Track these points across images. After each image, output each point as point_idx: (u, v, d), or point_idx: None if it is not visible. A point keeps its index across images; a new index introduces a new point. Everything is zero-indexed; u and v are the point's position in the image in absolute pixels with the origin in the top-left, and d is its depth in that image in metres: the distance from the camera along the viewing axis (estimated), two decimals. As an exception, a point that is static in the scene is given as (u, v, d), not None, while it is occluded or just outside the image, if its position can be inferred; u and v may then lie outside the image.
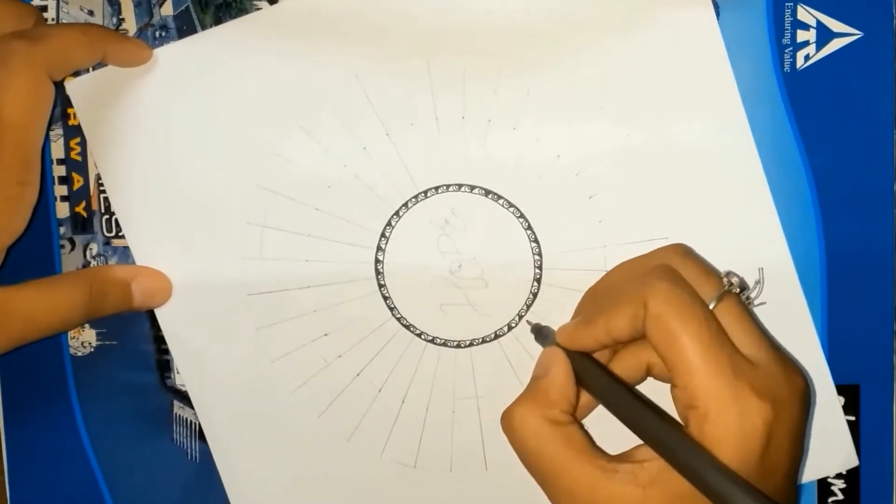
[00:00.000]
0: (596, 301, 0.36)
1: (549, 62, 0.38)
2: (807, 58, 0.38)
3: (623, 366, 0.36)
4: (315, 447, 0.40)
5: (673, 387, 0.32)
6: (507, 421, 0.34)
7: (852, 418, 0.39)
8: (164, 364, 0.41)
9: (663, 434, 0.31)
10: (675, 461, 0.31)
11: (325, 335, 0.40)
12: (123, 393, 0.39)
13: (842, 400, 0.39)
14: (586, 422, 0.36)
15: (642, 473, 0.31)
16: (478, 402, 0.40)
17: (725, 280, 0.34)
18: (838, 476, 0.40)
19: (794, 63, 0.38)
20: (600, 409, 0.35)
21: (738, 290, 0.34)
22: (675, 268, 0.33)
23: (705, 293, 0.33)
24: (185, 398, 0.41)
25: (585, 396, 0.35)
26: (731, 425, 0.30)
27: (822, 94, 0.38)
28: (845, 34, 0.38)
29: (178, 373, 0.41)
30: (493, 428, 0.40)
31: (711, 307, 0.33)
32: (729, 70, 0.38)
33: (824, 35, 0.38)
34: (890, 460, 0.39)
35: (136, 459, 0.41)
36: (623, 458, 0.33)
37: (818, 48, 0.38)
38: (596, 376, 0.34)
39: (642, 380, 0.36)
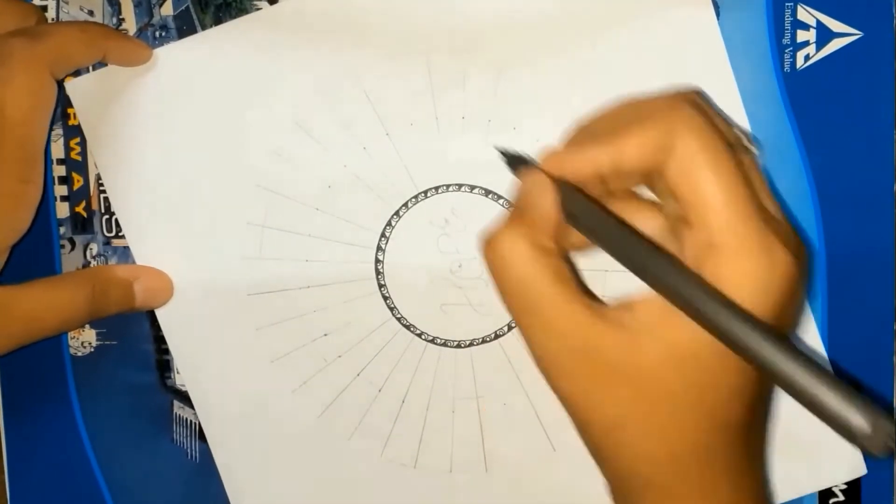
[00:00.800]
0: (594, 133, 0.32)
1: (550, 62, 0.38)
2: (807, 58, 0.38)
3: None
4: (315, 447, 0.40)
5: (687, 227, 0.29)
6: (492, 247, 0.30)
7: (853, 419, 0.39)
8: (164, 364, 0.41)
9: (666, 270, 0.28)
10: (682, 300, 0.27)
11: (325, 335, 0.40)
12: (123, 393, 0.39)
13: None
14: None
15: (637, 319, 0.29)
16: (478, 402, 0.40)
17: (744, 138, 0.31)
18: (839, 477, 0.40)
19: (794, 63, 0.38)
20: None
21: (752, 148, 0.31)
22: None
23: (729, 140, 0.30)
24: (185, 398, 0.41)
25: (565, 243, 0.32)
26: (754, 269, 0.28)
27: (822, 94, 0.38)
28: (845, 34, 0.38)
29: (178, 373, 0.41)
30: (494, 428, 0.40)
31: None
32: (729, 70, 0.37)
33: (824, 35, 0.38)
34: (891, 462, 0.39)
35: (136, 459, 0.41)
36: (617, 303, 0.30)
37: (818, 48, 0.38)
38: (586, 208, 0.30)
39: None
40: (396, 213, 0.39)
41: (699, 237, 0.28)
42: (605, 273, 0.38)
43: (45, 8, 0.40)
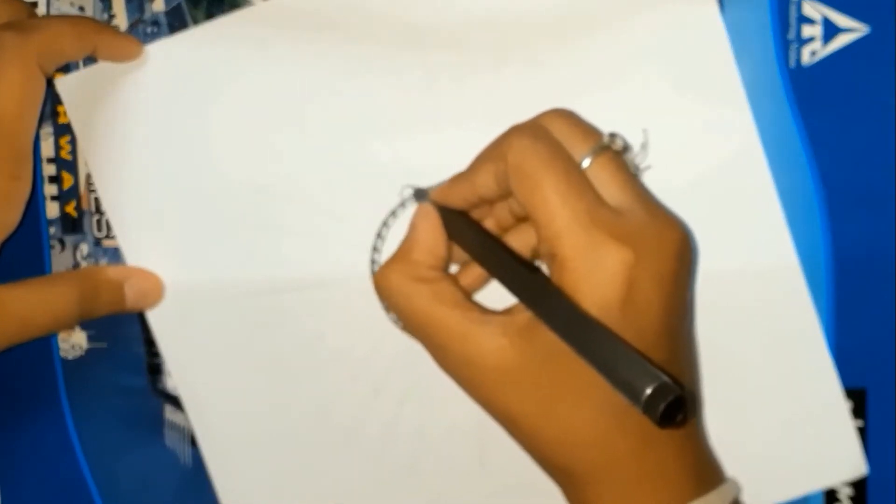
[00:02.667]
0: (470, 163, 0.36)
1: (550, 61, 0.38)
2: (812, 53, 0.38)
3: (511, 245, 0.36)
4: (311, 449, 0.40)
5: (538, 241, 0.32)
6: (376, 284, 0.35)
7: (860, 423, 0.38)
8: (155, 367, 0.41)
9: (527, 283, 0.31)
10: (534, 305, 0.31)
11: (322, 335, 0.40)
12: (114, 396, 0.39)
13: (849, 405, 0.38)
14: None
15: (511, 325, 0.32)
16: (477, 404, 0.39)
17: (607, 139, 0.33)
18: (845, 483, 0.39)
19: (799, 58, 0.38)
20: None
21: (620, 150, 0.33)
22: (548, 126, 0.33)
23: (579, 148, 0.33)
24: (176, 402, 0.40)
25: (474, 271, 0.36)
26: (586, 270, 0.31)
27: (829, 90, 0.37)
28: (851, 29, 0.37)
29: (169, 376, 0.40)
30: (494, 428, 0.39)
31: (587, 162, 0.32)
32: (733, 66, 0.37)
33: (830, 30, 0.37)
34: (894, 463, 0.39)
35: (127, 464, 0.40)
36: (497, 312, 0.33)
37: (824, 43, 0.37)
38: (466, 232, 0.34)
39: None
40: (393, 213, 0.39)
41: (544, 249, 0.32)
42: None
43: (35, 4, 0.40)
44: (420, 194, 0.37)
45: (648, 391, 0.26)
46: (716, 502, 0.33)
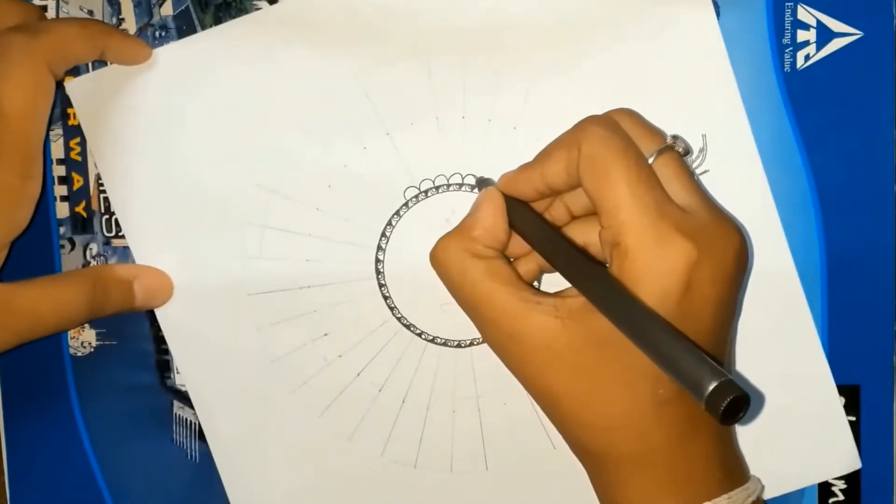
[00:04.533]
0: (538, 153, 0.36)
1: (549, 62, 0.38)
2: (807, 58, 0.38)
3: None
4: (315, 447, 0.40)
5: (601, 229, 0.32)
6: (432, 254, 0.35)
7: (853, 419, 0.39)
8: (163, 364, 0.41)
9: (583, 270, 0.32)
10: (591, 293, 0.31)
11: (325, 335, 0.40)
12: (123, 393, 0.39)
13: (842, 400, 0.39)
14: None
15: (563, 307, 0.32)
16: (478, 402, 0.40)
17: (670, 139, 0.34)
18: (839, 477, 0.39)
19: (794, 63, 0.38)
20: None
21: (682, 152, 0.34)
22: (618, 121, 0.34)
23: (646, 147, 0.33)
24: (184, 398, 0.41)
25: (530, 262, 0.36)
26: (650, 261, 0.31)
27: (823, 94, 0.38)
28: (846, 34, 0.38)
29: (177, 373, 0.41)
30: (494, 428, 0.40)
31: (651, 160, 0.33)
32: (729, 70, 0.38)
33: (824, 35, 0.38)
34: (890, 461, 0.39)
35: (135, 460, 0.40)
36: (550, 293, 0.33)
37: (818, 48, 0.38)
38: (527, 221, 0.35)
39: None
40: (397, 213, 0.39)
41: (608, 237, 0.32)
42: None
43: (44, 8, 0.40)
44: (483, 182, 0.38)
45: (712, 387, 0.26)
46: (742, 499, 0.33)
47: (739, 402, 0.26)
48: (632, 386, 0.31)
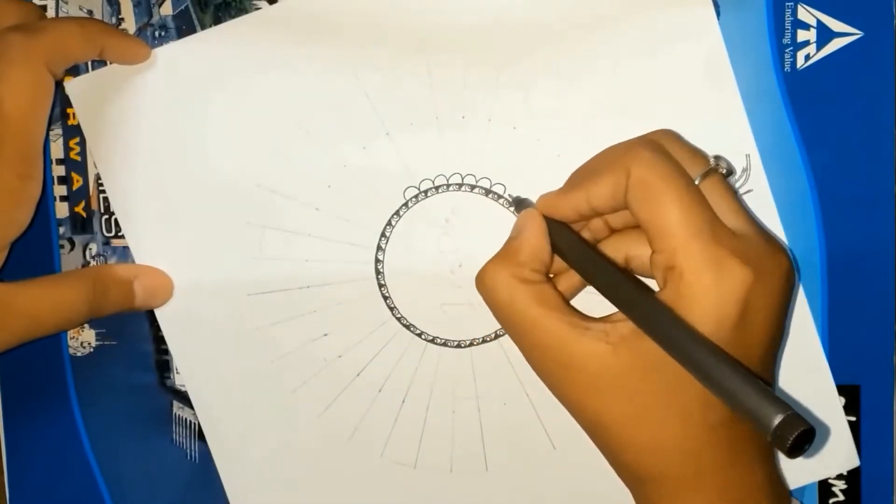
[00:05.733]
0: (579, 176, 0.36)
1: (549, 62, 0.38)
2: (807, 57, 0.38)
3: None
4: (315, 447, 0.40)
5: (653, 253, 0.32)
6: (480, 279, 0.35)
7: (853, 419, 0.39)
8: (163, 364, 0.41)
9: (633, 297, 0.31)
10: (644, 322, 0.31)
11: (325, 335, 0.40)
12: (123, 393, 0.39)
13: (842, 400, 0.39)
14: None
15: (613, 332, 0.32)
16: (478, 402, 0.40)
17: (713, 161, 0.34)
18: (839, 477, 0.40)
19: (794, 63, 0.38)
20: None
21: (725, 172, 0.34)
22: (663, 144, 0.34)
23: (691, 170, 0.33)
24: (184, 398, 0.41)
25: (568, 280, 0.36)
26: (707, 286, 0.30)
27: (823, 93, 0.38)
28: (846, 34, 0.38)
29: (177, 373, 0.41)
30: (494, 428, 0.40)
31: (696, 182, 0.33)
32: (729, 70, 0.38)
33: (825, 35, 0.38)
34: (890, 461, 0.39)
35: (135, 460, 0.41)
36: (597, 318, 0.33)
37: (818, 48, 0.38)
38: (571, 243, 0.34)
39: None
40: (396, 213, 0.39)
41: (661, 262, 0.32)
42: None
43: (44, 7, 0.40)
44: (520, 202, 0.38)
45: (777, 422, 0.26)
46: None
47: (806, 434, 0.26)
48: (683, 410, 0.31)
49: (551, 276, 0.36)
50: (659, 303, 0.31)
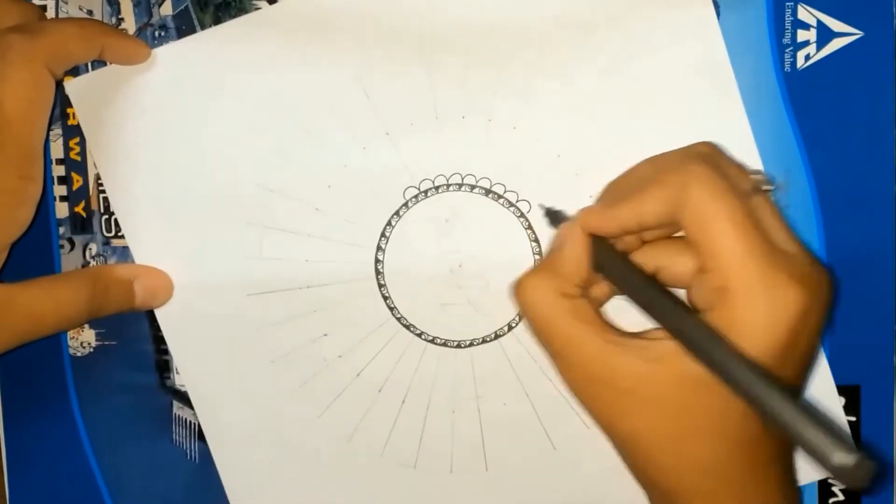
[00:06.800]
0: (621, 191, 0.35)
1: (549, 62, 0.38)
2: (807, 57, 0.38)
3: None
4: (315, 447, 0.40)
5: (702, 272, 0.31)
6: (520, 290, 0.34)
7: (853, 419, 0.39)
8: (163, 364, 0.41)
9: (678, 316, 0.31)
10: (688, 342, 0.30)
11: (325, 335, 0.40)
12: (123, 393, 0.39)
13: (842, 400, 0.39)
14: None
15: (651, 349, 0.31)
16: (478, 402, 0.40)
17: (758, 178, 0.33)
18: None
19: (794, 63, 0.38)
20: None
21: (770, 189, 0.33)
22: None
23: (740, 187, 0.32)
24: (184, 398, 0.41)
25: (598, 289, 0.35)
26: (760, 306, 0.30)
27: (823, 93, 0.38)
28: (846, 34, 0.38)
29: (177, 373, 0.41)
30: (494, 428, 0.40)
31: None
32: (729, 69, 0.38)
33: (825, 35, 0.38)
34: (891, 461, 0.39)
35: (135, 460, 0.40)
36: (635, 335, 0.33)
37: (819, 48, 0.38)
38: (613, 260, 0.34)
39: None
40: (396, 213, 0.39)
41: (713, 282, 0.31)
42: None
43: (44, 8, 0.40)
44: (554, 216, 0.37)
45: (846, 462, 0.26)
46: None
47: (873, 474, 0.26)
48: (719, 428, 0.31)
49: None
50: (709, 328, 0.30)
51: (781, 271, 0.30)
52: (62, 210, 0.41)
